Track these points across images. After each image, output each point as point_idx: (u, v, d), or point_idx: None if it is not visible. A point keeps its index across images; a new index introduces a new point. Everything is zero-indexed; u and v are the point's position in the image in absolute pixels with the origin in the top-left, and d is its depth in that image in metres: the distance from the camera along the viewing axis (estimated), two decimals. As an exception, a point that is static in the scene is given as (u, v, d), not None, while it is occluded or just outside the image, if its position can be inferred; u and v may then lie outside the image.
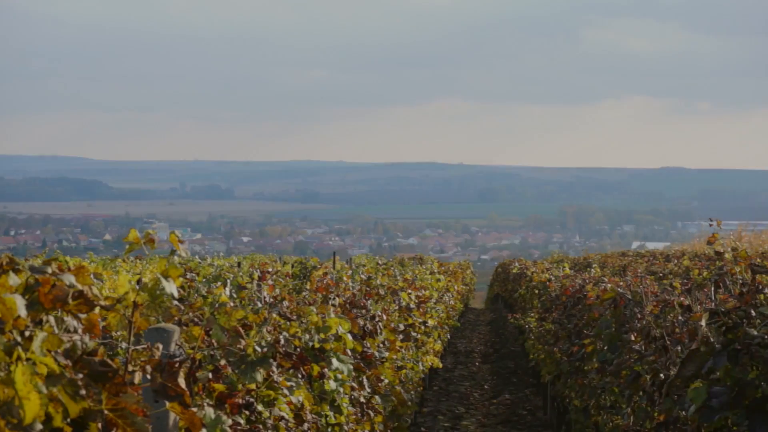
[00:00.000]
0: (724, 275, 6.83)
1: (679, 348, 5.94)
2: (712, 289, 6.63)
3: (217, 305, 5.34)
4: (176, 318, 4.91)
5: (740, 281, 6.67)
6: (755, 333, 4.40)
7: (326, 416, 7.08)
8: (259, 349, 5.39)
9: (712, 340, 4.72)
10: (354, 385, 8.14)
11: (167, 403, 3.82)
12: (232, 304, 5.68)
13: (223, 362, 5.14)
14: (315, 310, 7.28)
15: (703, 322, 4.93)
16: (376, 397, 9.14)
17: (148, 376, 3.80)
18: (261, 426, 5.37)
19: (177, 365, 3.80)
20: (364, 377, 8.71)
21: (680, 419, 5.37)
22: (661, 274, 17.71)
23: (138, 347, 3.87)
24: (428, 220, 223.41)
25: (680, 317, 6.50)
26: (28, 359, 2.92)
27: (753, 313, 4.80)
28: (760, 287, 5.26)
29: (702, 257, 20.39)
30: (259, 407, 5.46)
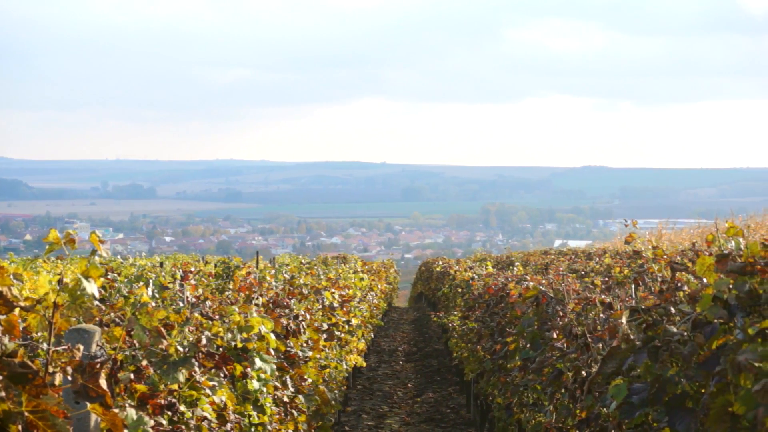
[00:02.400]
0: (644, 273, 6.90)
1: (600, 345, 5.99)
2: (633, 286, 6.69)
3: (138, 305, 5.30)
4: (97, 318, 4.86)
5: (660, 279, 6.74)
6: (675, 330, 4.44)
7: (249, 416, 7.05)
8: (181, 349, 5.36)
9: (632, 337, 4.76)
10: (277, 384, 8.11)
11: (88, 405, 3.78)
12: (154, 304, 5.64)
13: (144, 363, 5.11)
14: (237, 309, 7.25)
15: (623, 320, 4.98)
16: (300, 396, 9.12)
17: (69, 378, 3.76)
18: (184, 426, 5.33)
19: (98, 366, 3.77)
20: (288, 377, 8.69)
21: (602, 416, 5.41)
22: (582, 272, 17.85)
23: (59, 348, 3.83)
24: (352, 219, 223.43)
25: (601, 315, 6.56)
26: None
27: (672, 310, 4.85)
28: (680, 285, 5.32)
29: (623, 255, 20.57)
30: (182, 407, 5.43)
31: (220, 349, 6.48)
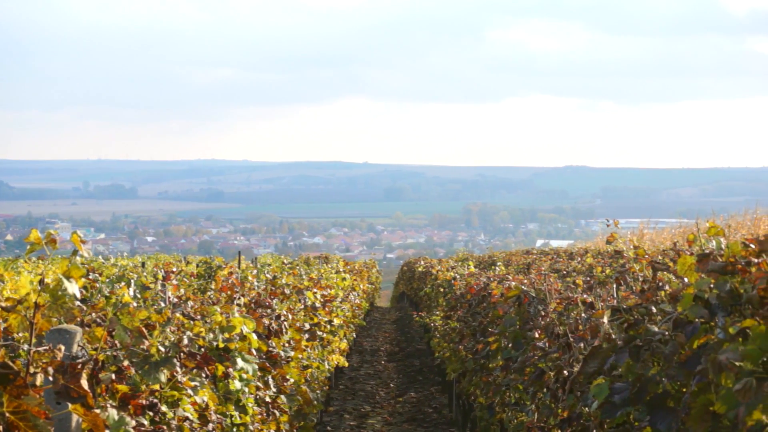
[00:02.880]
0: (626, 273, 6.91)
1: (582, 345, 6.00)
2: (614, 286, 6.71)
3: (120, 306, 5.29)
4: (78, 319, 4.85)
5: (641, 278, 6.76)
6: (656, 329, 4.45)
7: (231, 416, 7.04)
8: (162, 350, 5.35)
9: (614, 336, 4.77)
10: (259, 384, 8.11)
11: (70, 405, 3.78)
12: (135, 304, 5.63)
13: (126, 363, 5.10)
14: (219, 309, 7.24)
15: (605, 319, 4.99)
16: (282, 396, 9.12)
17: (51, 378, 3.75)
18: (165, 427, 5.33)
19: (79, 366, 3.76)
20: (270, 377, 8.68)
21: (583, 415, 5.42)
22: (564, 272, 17.88)
23: (40, 349, 3.82)
24: (334, 219, 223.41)
25: (583, 314, 6.57)
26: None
27: (654, 309, 4.86)
28: (661, 284, 5.33)
29: (605, 255, 20.62)
30: (163, 408, 5.42)
31: (202, 350, 6.48)
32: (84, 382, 3.74)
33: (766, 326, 3.43)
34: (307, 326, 12.08)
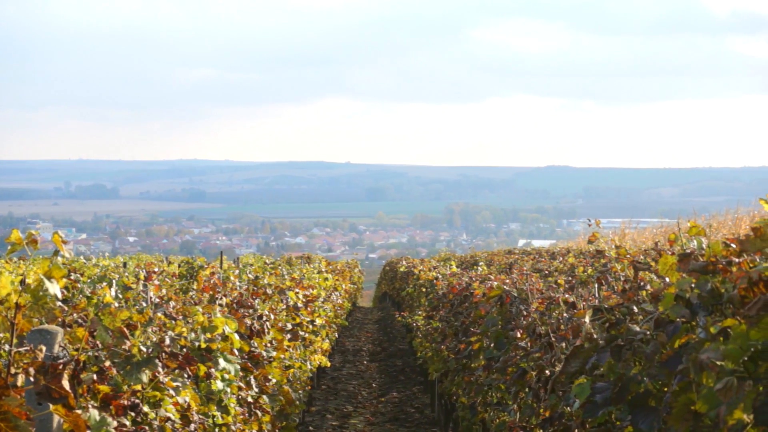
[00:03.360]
0: (608, 272, 6.93)
1: (563, 344, 6.01)
2: (596, 286, 6.72)
3: (101, 306, 5.28)
4: (60, 319, 4.84)
5: (623, 278, 6.78)
6: (638, 329, 4.47)
7: (213, 416, 7.03)
8: (144, 350, 5.34)
9: (595, 336, 4.78)
10: (241, 384, 8.10)
11: (51, 406, 3.77)
12: (117, 304, 5.63)
13: (108, 363, 5.09)
14: (201, 309, 7.23)
15: (587, 319, 5.00)
16: (264, 396, 9.11)
17: (32, 379, 3.74)
18: (147, 427, 5.32)
19: (61, 367, 3.75)
20: (252, 377, 8.67)
21: (565, 415, 5.43)
22: (546, 272, 17.89)
23: (21, 349, 3.81)
24: (316, 219, 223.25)
25: (565, 314, 6.58)
26: None
27: (635, 309, 4.88)
28: (642, 284, 5.35)
29: (587, 255, 20.64)
30: (145, 408, 5.41)
31: (184, 350, 6.47)
32: (65, 383, 3.73)
33: (747, 326, 3.44)
34: (290, 326, 12.08)
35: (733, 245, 4.03)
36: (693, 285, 4.03)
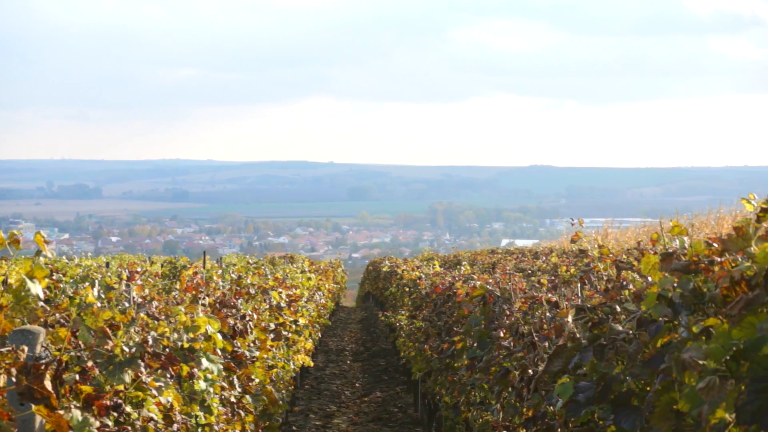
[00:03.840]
0: (590, 272, 6.94)
1: (546, 344, 6.01)
2: (579, 285, 6.73)
3: (84, 306, 5.27)
4: (42, 319, 4.83)
5: (605, 277, 6.79)
6: (620, 328, 4.47)
7: (196, 416, 7.02)
8: (127, 350, 5.33)
9: (578, 335, 4.79)
10: (224, 384, 8.09)
11: (33, 406, 3.76)
12: (99, 304, 5.61)
13: (90, 363, 5.07)
14: (184, 309, 7.22)
15: (569, 318, 5.00)
16: (247, 396, 9.10)
17: (14, 379, 3.73)
18: (130, 427, 5.31)
19: (43, 367, 3.74)
20: (235, 377, 8.66)
21: (548, 414, 5.44)
22: (529, 271, 17.91)
23: (3, 349, 3.80)
24: (299, 218, 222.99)
25: (548, 313, 6.59)
26: None
27: (618, 309, 4.89)
28: (625, 283, 5.35)
29: (570, 254, 20.67)
30: (128, 408, 5.40)
31: (167, 350, 6.45)
32: (47, 383, 3.72)
33: (729, 325, 3.45)
34: (273, 326, 12.07)
35: (715, 245, 4.04)
36: (675, 284, 4.04)
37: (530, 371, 6.14)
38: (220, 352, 7.60)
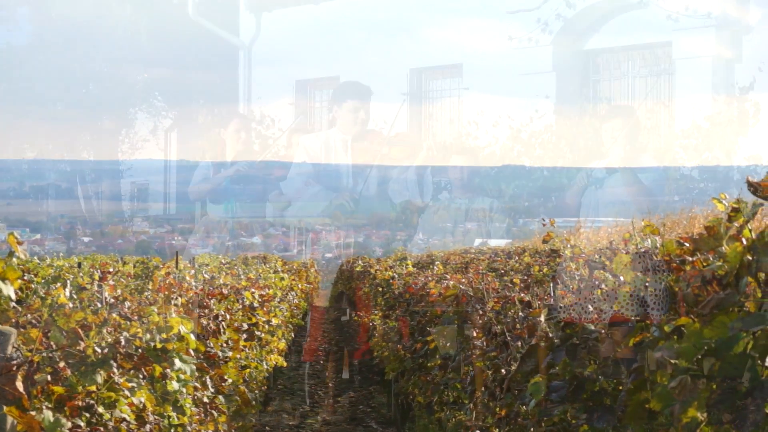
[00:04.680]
0: (563, 271, 6.95)
1: (519, 344, 6.02)
2: (551, 285, 6.74)
3: (56, 307, 5.25)
4: (14, 320, 4.80)
5: (578, 277, 6.80)
6: (593, 328, 4.49)
7: (169, 417, 7.00)
8: (99, 351, 5.31)
9: (551, 335, 4.80)
10: (197, 385, 8.07)
11: (5, 408, 3.74)
12: (71, 305, 5.59)
13: (62, 364, 5.05)
14: (157, 310, 7.20)
15: (542, 318, 5.01)
16: (220, 396, 9.08)
17: (-15, 380, 3.71)
18: (102, 428, 5.29)
19: (14, 368, 3.73)
20: (208, 377, 8.65)
21: (521, 414, 5.45)
22: (502, 271, 17.90)
23: (-26, 350, 3.78)
24: (272, 218, 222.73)
25: (520, 313, 6.60)
26: None
27: (590, 308, 4.90)
28: (597, 283, 5.37)
29: (542, 254, 20.67)
30: (100, 409, 5.38)
31: (140, 350, 6.43)
32: (19, 384, 3.71)
33: (701, 324, 3.47)
34: (246, 326, 12.04)
35: (687, 244, 4.05)
36: (647, 284, 4.05)
37: (503, 371, 6.15)
38: (193, 353, 7.57)
